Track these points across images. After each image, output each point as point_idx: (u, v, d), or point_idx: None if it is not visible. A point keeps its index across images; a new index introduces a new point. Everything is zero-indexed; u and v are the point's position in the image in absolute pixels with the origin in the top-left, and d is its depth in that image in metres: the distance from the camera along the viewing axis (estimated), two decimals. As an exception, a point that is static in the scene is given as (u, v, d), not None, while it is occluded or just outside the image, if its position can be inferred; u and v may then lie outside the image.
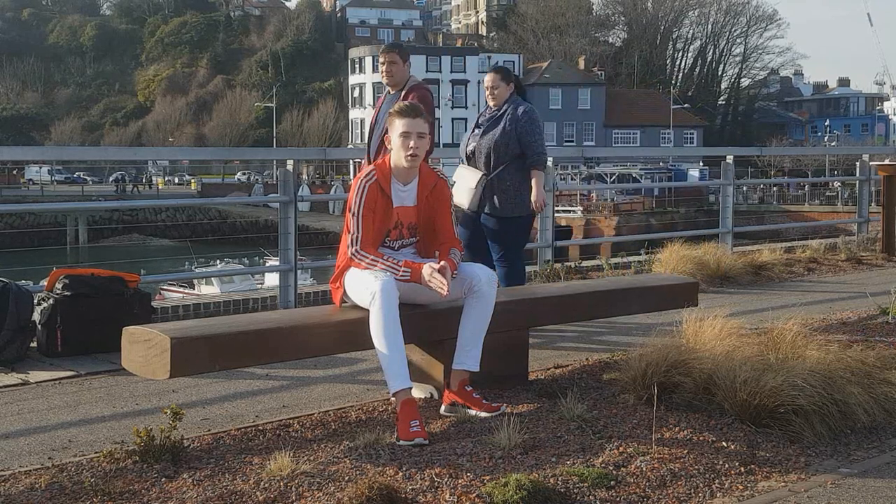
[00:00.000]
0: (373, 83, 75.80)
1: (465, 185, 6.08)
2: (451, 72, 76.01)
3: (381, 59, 5.83)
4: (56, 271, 5.64)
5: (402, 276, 4.07)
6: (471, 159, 6.14)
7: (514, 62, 79.46)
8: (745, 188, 46.57)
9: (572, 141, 74.08)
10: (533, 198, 6.03)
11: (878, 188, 11.62)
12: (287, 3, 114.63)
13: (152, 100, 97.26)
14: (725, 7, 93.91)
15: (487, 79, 6.14)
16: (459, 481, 3.23)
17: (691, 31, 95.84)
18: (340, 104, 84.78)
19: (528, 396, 4.43)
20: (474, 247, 6.08)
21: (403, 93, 5.71)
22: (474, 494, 3.12)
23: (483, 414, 4.08)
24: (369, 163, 5.61)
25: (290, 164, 7.33)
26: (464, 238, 5.97)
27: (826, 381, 3.98)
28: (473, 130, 6.19)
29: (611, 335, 6.09)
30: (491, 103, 6.15)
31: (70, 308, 5.40)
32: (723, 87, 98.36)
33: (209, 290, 21.54)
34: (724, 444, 3.72)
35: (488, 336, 4.25)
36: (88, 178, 69.29)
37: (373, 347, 3.98)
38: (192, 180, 67.83)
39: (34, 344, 5.49)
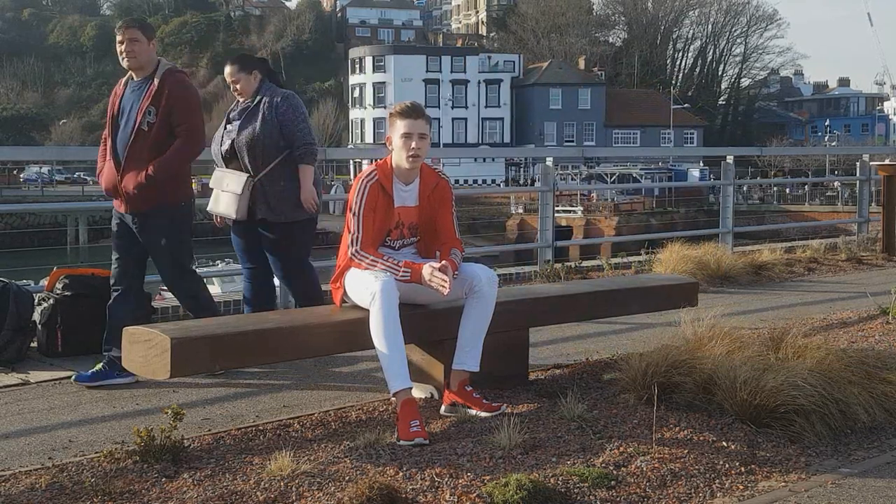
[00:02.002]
0: (373, 83, 75.86)
1: (227, 190, 5.39)
2: (451, 72, 76.00)
3: (118, 38, 4.88)
4: (56, 271, 5.64)
5: (402, 276, 4.07)
6: (229, 160, 5.43)
7: (514, 62, 79.53)
8: (745, 188, 46.55)
9: (572, 141, 74.09)
10: (301, 197, 5.36)
11: (879, 188, 11.62)
12: (287, 3, 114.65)
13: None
14: (725, 7, 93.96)
15: (226, 73, 5.46)
16: (460, 481, 3.23)
17: (691, 31, 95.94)
18: (340, 104, 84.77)
19: (528, 396, 4.43)
20: (252, 258, 5.56)
21: (157, 80, 4.88)
22: (474, 494, 3.12)
23: (483, 414, 4.08)
24: (115, 161, 4.94)
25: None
26: (238, 249, 5.59)
27: (826, 381, 3.98)
28: (226, 127, 5.49)
29: (611, 335, 6.09)
30: (240, 99, 5.48)
31: (70, 308, 5.40)
32: (723, 87, 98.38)
33: (209, 290, 21.52)
34: (724, 443, 3.72)
35: (488, 336, 4.25)
36: (89, 179, 69.27)
37: (373, 347, 3.98)
38: (192, 180, 67.81)
39: (34, 344, 5.49)
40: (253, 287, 5.63)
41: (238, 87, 5.43)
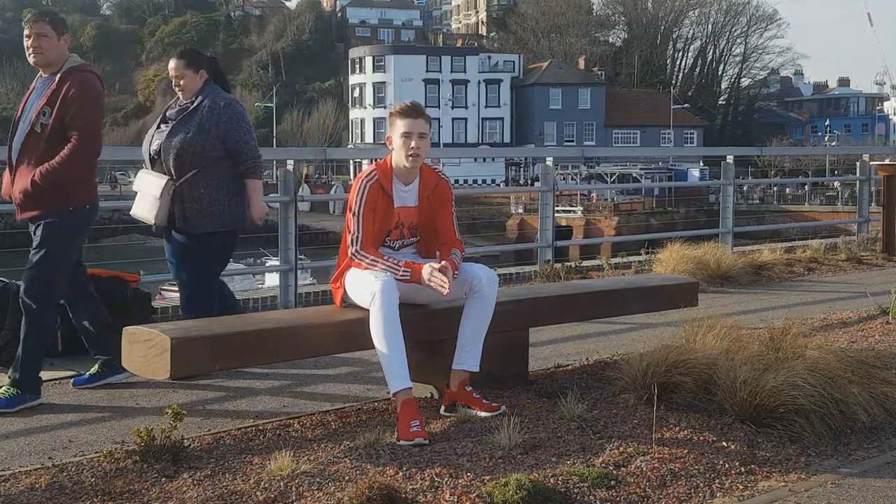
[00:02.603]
0: (373, 83, 75.85)
1: (148, 193, 5.04)
2: (452, 72, 76.00)
3: (25, 31, 4.61)
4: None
5: (402, 276, 4.07)
6: (156, 162, 5.08)
7: (514, 62, 79.51)
8: (745, 188, 46.56)
9: (572, 141, 74.08)
10: (253, 211, 5.08)
11: (879, 188, 11.62)
12: (287, 3, 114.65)
13: (152, 100, 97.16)
14: (725, 7, 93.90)
15: (171, 67, 5.09)
16: (459, 481, 3.23)
17: (691, 31, 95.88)
18: (340, 104, 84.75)
19: (528, 396, 4.43)
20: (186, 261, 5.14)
21: (59, 76, 4.54)
22: (474, 494, 3.12)
23: (483, 414, 4.08)
24: (9, 165, 4.66)
25: (290, 164, 7.32)
26: (171, 256, 5.18)
27: (826, 380, 3.98)
28: (159, 126, 5.13)
29: (611, 335, 6.09)
30: (181, 96, 5.12)
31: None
32: (723, 87, 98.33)
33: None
34: (724, 443, 3.72)
35: (488, 336, 4.25)
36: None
37: (373, 347, 3.98)
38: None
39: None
40: (194, 294, 5.17)
41: (182, 83, 5.08)
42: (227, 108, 5.02)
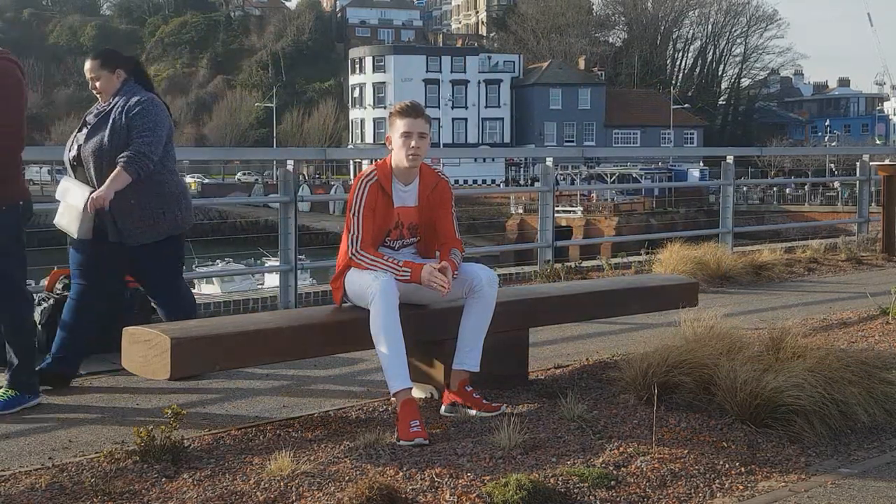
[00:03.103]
0: (373, 83, 75.86)
1: (70, 205, 4.67)
2: (452, 72, 76.01)
3: None
4: (56, 271, 5.63)
5: (402, 276, 4.07)
6: (77, 168, 4.77)
7: (514, 62, 79.50)
8: (745, 188, 46.57)
9: (572, 141, 74.09)
10: (94, 193, 4.55)
11: (878, 188, 11.61)
12: (287, 3, 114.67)
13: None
14: (725, 7, 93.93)
15: (86, 69, 4.81)
16: (460, 481, 3.23)
17: (691, 32, 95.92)
18: (340, 104, 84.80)
19: (528, 396, 4.43)
20: (86, 275, 4.79)
21: None
22: (474, 494, 3.12)
23: (483, 414, 4.08)
24: None
25: (290, 164, 7.32)
26: (72, 262, 4.83)
27: (826, 381, 3.98)
28: (81, 129, 4.81)
29: (611, 335, 6.09)
30: (100, 98, 4.83)
31: (70, 308, 5.37)
32: (723, 87, 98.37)
33: (210, 290, 21.57)
34: (724, 444, 3.72)
35: (488, 336, 4.25)
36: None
37: (373, 347, 3.98)
38: (193, 180, 68.00)
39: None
40: (76, 307, 4.82)
41: (98, 85, 4.78)
42: (137, 105, 4.67)
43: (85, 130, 4.75)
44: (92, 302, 4.83)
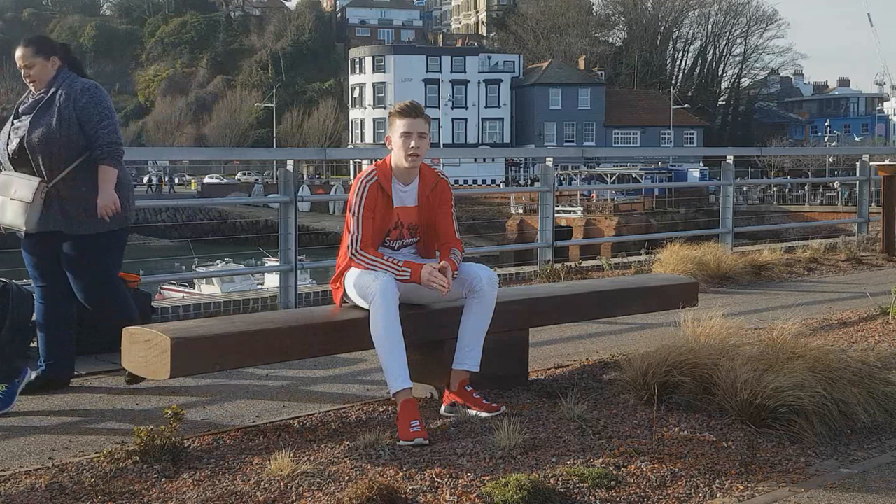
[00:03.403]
0: (373, 83, 75.87)
1: (17, 198, 4.53)
2: (452, 72, 76.03)
3: None
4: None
5: (401, 276, 4.07)
6: (18, 162, 4.59)
7: (514, 62, 79.52)
8: (745, 188, 46.58)
9: (572, 141, 74.11)
10: (98, 202, 4.52)
11: (878, 188, 11.62)
12: (287, 3, 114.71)
13: (152, 100, 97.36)
14: (725, 7, 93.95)
15: (18, 56, 4.64)
16: (460, 481, 3.23)
17: (691, 31, 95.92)
18: (340, 104, 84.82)
19: (528, 396, 4.43)
20: (46, 275, 4.71)
21: None
22: (474, 494, 3.12)
23: (483, 414, 4.08)
24: None
25: (290, 165, 7.32)
26: (28, 265, 4.75)
27: (826, 381, 3.98)
28: (13, 122, 4.64)
29: (611, 335, 6.09)
30: (32, 88, 4.68)
31: (70, 308, 5.37)
32: (723, 87, 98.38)
33: (209, 290, 21.59)
34: (724, 444, 3.72)
35: (488, 336, 4.25)
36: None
37: (373, 347, 3.98)
38: (193, 180, 68.02)
39: (34, 344, 5.47)
40: (46, 309, 4.77)
41: (31, 73, 4.62)
42: (85, 93, 4.58)
43: (20, 122, 4.62)
44: (58, 300, 4.75)
